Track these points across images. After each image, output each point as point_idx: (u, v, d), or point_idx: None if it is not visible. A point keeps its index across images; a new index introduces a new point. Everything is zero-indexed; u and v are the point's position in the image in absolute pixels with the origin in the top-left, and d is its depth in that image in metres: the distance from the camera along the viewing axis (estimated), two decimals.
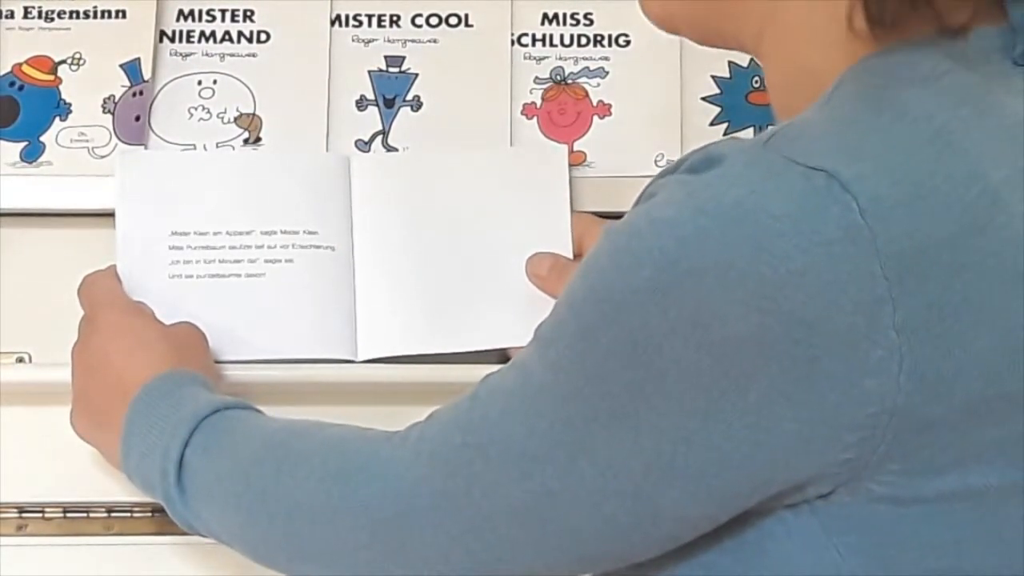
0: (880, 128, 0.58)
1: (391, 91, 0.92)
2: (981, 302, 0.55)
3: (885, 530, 0.57)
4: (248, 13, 0.93)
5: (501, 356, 0.86)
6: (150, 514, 0.85)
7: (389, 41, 0.94)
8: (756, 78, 0.94)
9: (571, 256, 0.87)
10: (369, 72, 0.92)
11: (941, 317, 0.54)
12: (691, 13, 0.70)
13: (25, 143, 0.89)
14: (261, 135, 0.92)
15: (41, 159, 0.89)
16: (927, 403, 0.54)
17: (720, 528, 0.59)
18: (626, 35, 0.94)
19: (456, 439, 0.62)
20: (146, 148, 0.92)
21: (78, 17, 0.93)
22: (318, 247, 0.87)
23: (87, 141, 0.90)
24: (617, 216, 0.88)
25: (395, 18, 0.94)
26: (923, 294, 0.54)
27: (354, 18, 0.94)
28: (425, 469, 0.63)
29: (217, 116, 0.91)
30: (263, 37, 0.93)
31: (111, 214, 0.88)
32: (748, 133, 0.94)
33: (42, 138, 0.89)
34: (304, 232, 0.86)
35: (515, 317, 0.86)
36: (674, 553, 0.60)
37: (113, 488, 0.84)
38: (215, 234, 0.87)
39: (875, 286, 0.53)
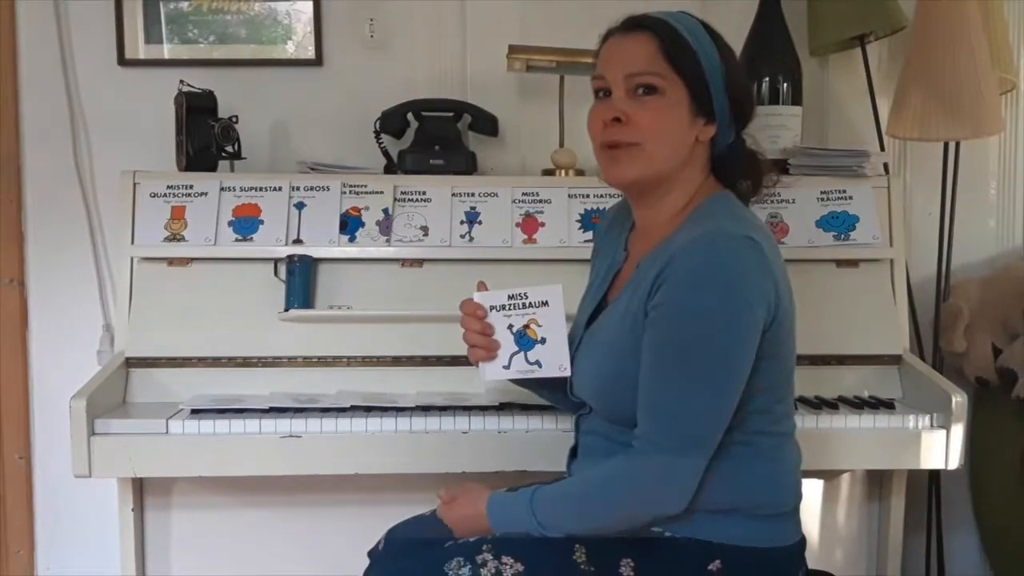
0: (747, 221, 1.45)
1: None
2: (786, 289, 1.46)
3: (766, 352, 1.42)
4: None
5: None
6: None
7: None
8: None
9: None
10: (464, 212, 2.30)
11: (780, 292, 1.43)
12: (650, 178, 1.48)
13: (349, 236, 2.27)
14: None
15: (356, 240, 2.26)
16: (779, 319, 1.43)
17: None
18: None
19: (676, 422, 1.41)
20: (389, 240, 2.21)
21: (374, 194, 2.29)
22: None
23: (371, 237, 2.26)
24: None
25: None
26: (780, 285, 1.44)
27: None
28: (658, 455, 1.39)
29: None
30: None
31: (374, 260, 2.23)
32: None
33: (355, 234, 2.27)
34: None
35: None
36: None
37: None
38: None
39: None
